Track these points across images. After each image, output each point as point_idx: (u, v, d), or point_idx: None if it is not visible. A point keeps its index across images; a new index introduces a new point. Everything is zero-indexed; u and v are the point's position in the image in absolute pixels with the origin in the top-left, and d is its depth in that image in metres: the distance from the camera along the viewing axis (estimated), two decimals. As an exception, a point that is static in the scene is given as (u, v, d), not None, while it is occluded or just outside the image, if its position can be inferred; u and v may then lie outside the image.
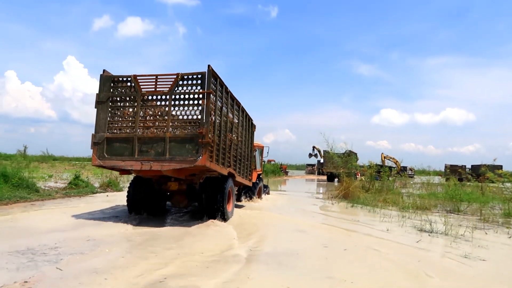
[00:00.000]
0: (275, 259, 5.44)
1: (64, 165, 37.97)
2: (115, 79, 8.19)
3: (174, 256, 5.33)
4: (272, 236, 7.38)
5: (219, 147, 8.09)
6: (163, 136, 7.58)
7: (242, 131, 10.47)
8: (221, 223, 8.19)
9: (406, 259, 5.81)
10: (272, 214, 10.78)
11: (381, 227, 8.80)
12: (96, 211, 9.59)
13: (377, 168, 19.23)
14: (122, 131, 7.95)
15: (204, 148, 7.22)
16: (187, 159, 7.34)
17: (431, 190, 18.36)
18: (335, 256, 5.90)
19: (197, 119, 7.51)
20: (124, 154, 7.75)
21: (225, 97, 8.55)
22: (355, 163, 19.36)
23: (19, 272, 4.28)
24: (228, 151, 8.83)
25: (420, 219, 9.80)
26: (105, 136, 7.86)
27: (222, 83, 8.24)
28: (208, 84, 7.47)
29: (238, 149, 9.99)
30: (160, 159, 7.48)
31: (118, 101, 8.22)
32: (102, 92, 8.12)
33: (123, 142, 7.82)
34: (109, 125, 7.97)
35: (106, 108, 8.05)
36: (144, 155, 7.64)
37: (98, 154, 7.83)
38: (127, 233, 7.00)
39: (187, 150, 7.42)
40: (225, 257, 5.40)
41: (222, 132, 8.27)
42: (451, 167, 38.04)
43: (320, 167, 49.86)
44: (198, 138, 7.26)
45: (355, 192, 15.15)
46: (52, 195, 11.71)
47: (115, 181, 16.34)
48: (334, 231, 8.52)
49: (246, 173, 11.21)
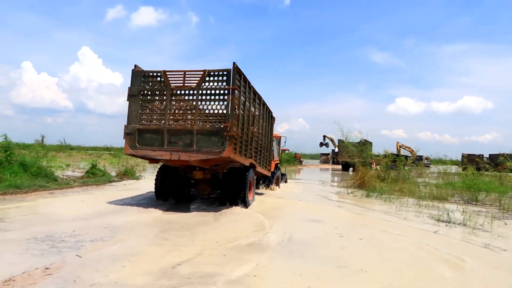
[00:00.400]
0: (290, 247, 5.45)
1: (80, 154, 38.64)
2: (146, 74, 8.66)
3: (193, 244, 5.38)
4: (288, 224, 7.36)
5: (242, 139, 8.59)
6: (190, 129, 8.10)
7: (262, 123, 10.95)
8: (243, 209, 8.59)
9: (423, 250, 5.75)
10: (289, 202, 11.03)
11: (398, 217, 8.72)
12: (116, 200, 9.73)
13: (393, 158, 19.02)
14: (152, 123, 8.51)
15: (229, 140, 7.75)
16: (213, 150, 7.86)
17: (448, 180, 18.09)
18: (350, 245, 5.86)
19: (223, 113, 7.97)
20: (155, 144, 8.29)
21: (248, 92, 8.98)
22: (370, 152, 19.16)
23: (40, 259, 4.37)
24: (250, 143, 9.28)
25: (437, 209, 9.67)
26: (136, 128, 8.38)
27: (245, 79, 8.69)
28: (233, 80, 7.93)
29: (258, 141, 10.49)
30: (188, 150, 8.02)
31: (148, 94, 8.72)
32: (134, 86, 8.60)
33: (154, 133, 8.37)
34: (140, 117, 8.49)
35: (137, 101, 8.54)
36: (173, 146, 8.17)
37: (130, 144, 8.38)
38: (148, 220, 7.10)
39: (213, 142, 7.93)
40: (242, 245, 5.42)
41: (245, 125, 8.73)
42: (468, 156, 37.40)
43: (334, 156, 49.61)
44: (224, 131, 7.77)
45: (370, 181, 15.01)
46: (70, 184, 11.92)
47: (131, 170, 16.52)
48: (350, 220, 8.48)
49: (266, 163, 11.70)
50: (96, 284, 3.61)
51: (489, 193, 12.35)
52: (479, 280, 4.41)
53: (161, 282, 3.76)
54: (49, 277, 3.79)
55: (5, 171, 10.75)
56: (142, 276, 3.92)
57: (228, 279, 3.96)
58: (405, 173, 17.86)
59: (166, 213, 8.08)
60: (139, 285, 3.63)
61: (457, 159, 40.01)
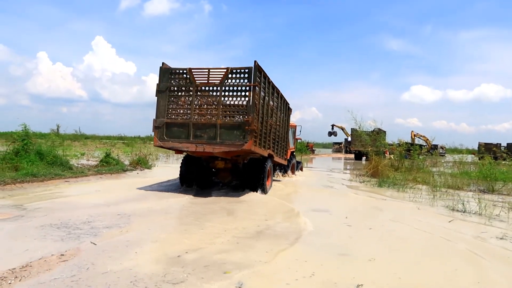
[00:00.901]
0: (298, 235, 5.45)
1: (95, 143, 39.17)
2: (173, 71, 9.22)
3: (209, 231, 5.43)
4: (301, 212, 7.37)
5: (262, 132, 9.20)
6: (214, 123, 8.73)
7: (280, 115, 11.56)
8: (261, 195, 9.45)
9: (435, 240, 5.69)
10: (302, 189, 11.33)
11: (411, 206, 8.64)
12: (132, 188, 9.86)
13: (407, 147, 18.78)
14: (179, 117, 9.14)
15: (250, 134, 8.35)
16: (235, 143, 8.50)
17: (464, 169, 17.81)
18: (358, 234, 5.85)
19: (244, 108, 8.59)
20: (181, 137, 8.97)
21: (267, 87, 9.58)
22: (384, 141, 18.96)
23: (56, 246, 4.47)
24: (268, 135, 9.94)
25: (452, 198, 9.54)
26: (164, 121, 9.03)
27: (265, 75, 9.24)
28: (254, 77, 8.46)
29: (276, 132, 11.11)
30: (212, 143, 8.69)
31: (175, 90, 9.31)
32: (162, 82, 9.16)
33: (180, 127, 9.03)
34: (168, 111, 9.11)
35: (165, 96, 9.12)
36: (198, 138, 8.85)
37: (159, 137, 9.05)
38: (165, 207, 7.17)
39: (235, 136, 8.57)
40: (256, 232, 5.45)
41: (264, 119, 9.34)
42: (485, 145, 36.64)
43: (347, 145, 49.19)
44: (245, 125, 8.37)
45: (384, 170, 14.87)
46: (84, 173, 12.10)
47: (144, 159, 16.69)
48: (361, 210, 8.44)
49: (282, 153, 12.33)
50: (108, 272, 3.67)
51: (506, 182, 12.13)
52: (490, 272, 4.34)
53: (173, 269, 3.80)
54: (63, 264, 3.87)
55: (22, 159, 10.98)
56: (155, 264, 3.97)
57: (238, 265, 4.02)
58: (419, 163, 17.61)
59: (187, 200, 8.36)
60: (151, 273, 3.68)
61: (473, 148, 39.45)
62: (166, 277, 3.59)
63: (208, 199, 8.66)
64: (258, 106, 8.70)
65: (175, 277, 3.59)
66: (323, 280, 3.69)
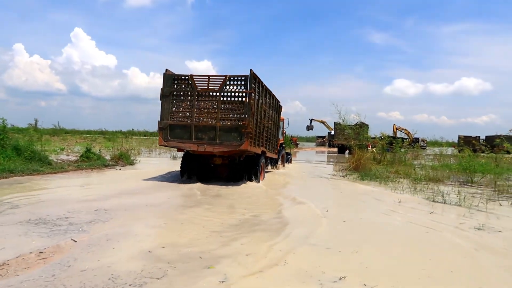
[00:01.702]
0: (277, 225, 5.49)
1: (75, 138, 38.47)
2: (176, 77, 10.24)
3: (195, 223, 5.40)
4: (280, 205, 7.40)
5: (256, 132, 10.26)
6: (214, 125, 9.77)
7: (271, 114, 12.52)
8: (255, 184, 10.42)
9: (415, 231, 5.80)
10: (287, 181, 11.24)
11: (393, 199, 8.78)
12: (114, 182, 9.72)
13: (389, 140, 19.03)
14: (181, 119, 10.14)
15: (246, 136, 9.44)
16: (233, 144, 9.62)
17: (444, 162, 18.19)
18: (332, 225, 5.95)
19: (241, 112, 9.64)
20: (184, 137, 10.01)
21: (261, 91, 10.53)
22: (367, 135, 19.17)
23: (35, 243, 4.38)
24: (262, 134, 11.05)
25: (433, 190, 9.74)
26: (168, 123, 10.06)
27: (259, 81, 10.17)
28: (250, 84, 9.52)
29: (269, 130, 12.22)
30: (212, 143, 9.78)
31: (178, 95, 10.29)
32: (166, 87, 10.14)
33: (183, 128, 10.04)
34: (171, 114, 10.12)
35: (168, 100, 10.12)
36: (199, 139, 9.93)
37: (163, 137, 10.09)
38: (149, 202, 7.09)
39: (233, 137, 9.67)
40: (236, 224, 5.45)
41: (258, 120, 10.40)
42: (464, 138, 37.48)
43: (330, 139, 49.64)
44: (242, 128, 9.47)
45: (366, 164, 15.06)
46: (64, 168, 11.88)
47: (126, 154, 16.46)
48: (340, 202, 8.53)
49: (274, 148, 13.56)
50: (87, 269, 3.61)
51: (484, 174, 12.44)
52: (458, 261, 4.45)
53: (154, 265, 3.76)
54: (42, 262, 3.79)
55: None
56: (135, 260, 3.91)
57: (217, 255, 4.10)
58: (401, 156, 17.91)
59: (173, 193, 8.20)
60: (129, 270, 3.62)
61: (453, 141, 40.31)
62: (144, 272, 3.55)
63: (203, 190, 9.13)
64: (253, 110, 9.67)
65: (154, 273, 3.56)
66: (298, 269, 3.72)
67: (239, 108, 9.72)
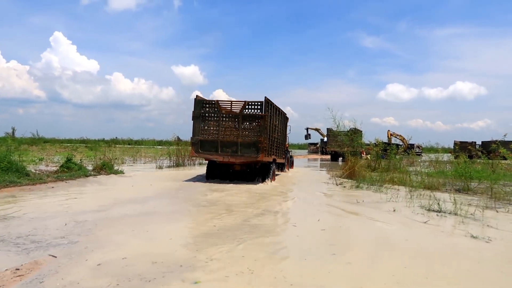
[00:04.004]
0: (255, 234, 5.50)
1: (55, 147, 38.09)
2: (204, 102, 13.63)
3: (166, 235, 5.38)
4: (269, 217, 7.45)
5: (269, 145, 13.40)
6: (236, 141, 13.08)
7: (280, 127, 15.95)
8: (267, 185, 13.15)
9: (411, 241, 5.85)
10: (284, 190, 11.13)
11: (387, 207, 8.85)
12: (98, 193, 9.63)
13: (383, 146, 19.21)
14: (210, 136, 13.42)
15: (262, 150, 12.78)
16: (252, 156, 12.93)
17: (440, 168, 18.39)
18: (308, 234, 5.96)
19: (257, 131, 12.97)
20: (212, 150, 13.29)
21: (273, 112, 14.03)
22: (361, 141, 19.31)
23: (12, 260, 4.32)
24: (272, 145, 14.30)
25: (428, 198, 9.84)
26: (199, 139, 13.39)
27: (272, 104, 13.80)
28: (265, 108, 12.99)
29: (278, 141, 15.55)
30: (234, 155, 13.05)
31: (206, 116, 13.57)
32: (196, 110, 13.48)
33: (211, 143, 13.34)
34: (201, 131, 13.46)
35: (199, 120, 13.48)
36: (224, 151, 13.18)
37: (195, 150, 13.42)
38: (129, 213, 7.05)
39: (251, 150, 12.95)
40: (215, 230, 5.46)
41: (270, 135, 13.61)
42: (460, 144, 38.06)
43: (323, 146, 49.91)
44: (258, 143, 12.81)
45: (360, 171, 15.18)
46: (43, 179, 11.73)
47: (110, 163, 16.31)
48: (336, 212, 8.56)
49: (282, 154, 17.14)
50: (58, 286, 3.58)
51: (481, 181, 12.61)
52: (440, 272, 4.50)
53: (126, 285, 3.74)
54: (19, 279, 3.74)
55: (-28, 166, 10.52)
56: (109, 277, 3.89)
57: (192, 267, 4.05)
58: (396, 162, 18.08)
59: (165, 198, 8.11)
60: (106, 284, 3.60)
61: (449, 147, 40.71)
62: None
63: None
64: (267, 129, 12.96)
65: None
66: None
67: (255, 127, 12.98)
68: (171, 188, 11.77)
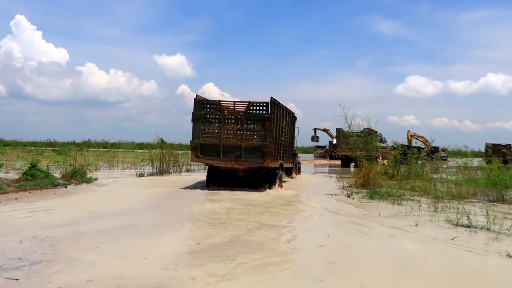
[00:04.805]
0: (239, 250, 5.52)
1: (17, 151, 38.10)
2: (205, 102, 14.37)
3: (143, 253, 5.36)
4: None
5: (275, 149, 14.20)
6: (239, 145, 13.64)
7: (287, 128, 16.77)
8: (271, 194, 13.62)
9: (433, 261, 5.85)
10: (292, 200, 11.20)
11: (407, 222, 8.84)
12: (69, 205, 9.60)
13: (403, 150, 19.24)
14: (211, 139, 14.09)
15: (268, 155, 13.33)
16: (256, 161, 13.58)
17: (469, 175, 18.42)
18: (302, 251, 5.98)
19: (263, 134, 13.55)
20: (213, 155, 13.90)
21: (280, 113, 14.71)
22: (376, 144, 19.30)
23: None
24: (279, 148, 15.16)
25: (456, 211, 9.83)
26: (199, 143, 13.99)
27: (278, 104, 14.37)
28: (271, 109, 13.56)
29: (285, 143, 16.41)
30: (238, 161, 13.66)
31: (207, 118, 14.23)
32: (196, 111, 14.10)
33: (212, 147, 13.96)
34: (202, 134, 14.08)
35: (199, 122, 14.04)
36: (226, 156, 13.78)
37: (195, 154, 14.02)
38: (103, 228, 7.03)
39: (256, 155, 13.54)
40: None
41: (277, 138, 14.47)
42: (493, 147, 38.17)
43: (332, 149, 49.88)
44: (264, 148, 13.35)
45: (376, 179, 15.17)
46: (3, 189, 11.68)
47: (81, 170, 16.23)
48: (348, 227, 8.55)
49: (289, 158, 17.87)
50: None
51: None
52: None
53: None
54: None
55: None
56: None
57: None
58: (417, 168, 18.10)
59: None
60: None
61: (480, 150, 40.91)
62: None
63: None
64: (273, 132, 13.60)
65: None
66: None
67: (261, 130, 13.60)
68: (153, 199, 11.79)
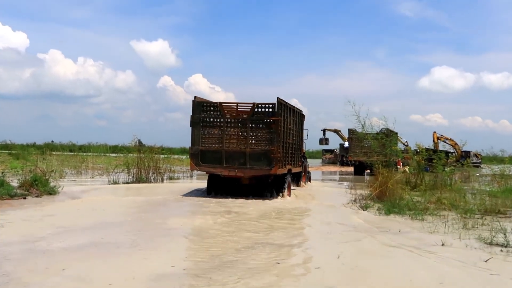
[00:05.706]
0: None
1: (-34, 155, 37.86)
2: (205, 104, 15.36)
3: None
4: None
5: (283, 154, 15.11)
6: (244, 151, 14.57)
7: (295, 129, 17.87)
8: (277, 202, 14.77)
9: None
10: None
11: (432, 240, 8.85)
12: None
13: (428, 155, 19.21)
14: (212, 145, 15.07)
15: (275, 161, 14.17)
16: (263, 168, 14.47)
17: (507, 185, 18.44)
18: (359, 276, 5.99)
19: (269, 138, 14.46)
20: (215, 162, 14.89)
21: (287, 114, 15.68)
22: (395, 147, 19.30)
23: None
24: (287, 152, 16.05)
25: (490, 227, 9.85)
26: (199, 149, 14.95)
27: (286, 105, 15.37)
28: (278, 112, 14.47)
29: (293, 146, 17.38)
30: (242, 168, 14.56)
31: (208, 122, 15.25)
32: (195, 114, 15.04)
33: (214, 154, 14.92)
34: (202, 140, 15.00)
35: (199, 127, 15.02)
36: (230, 163, 14.66)
37: (195, 162, 15.07)
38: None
39: (262, 162, 14.44)
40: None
41: (284, 141, 15.39)
42: (535, 151, 38.19)
43: (344, 154, 49.82)
44: (271, 153, 14.19)
45: (395, 189, 15.13)
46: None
47: (43, 178, 16.16)
48: (365, 243, 8.58)
49: (297, 162, 18.86)
50: None
51: None
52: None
53: None
54: None
55: None
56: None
57: None
58: (445, 177, 18.12)
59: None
60: None
61: (520, 156, 40.89)
62: None
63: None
64: (281, 136, 14.49)
65: None
66: None
67: (267, 134, 14.51)
68: (129, 213, 11.76)
